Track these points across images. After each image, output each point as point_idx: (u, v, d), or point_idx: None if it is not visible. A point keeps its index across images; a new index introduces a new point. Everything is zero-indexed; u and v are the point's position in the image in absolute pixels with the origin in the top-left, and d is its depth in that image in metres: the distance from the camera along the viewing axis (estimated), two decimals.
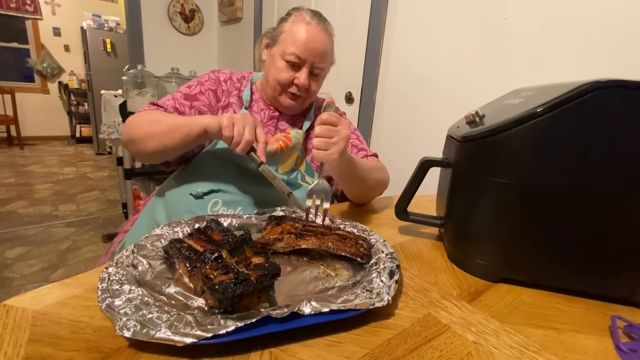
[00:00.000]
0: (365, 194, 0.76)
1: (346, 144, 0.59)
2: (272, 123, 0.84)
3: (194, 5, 2.73)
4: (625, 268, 0.43)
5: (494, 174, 0.46)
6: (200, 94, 0.78)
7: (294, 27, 0.76)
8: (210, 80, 0.82)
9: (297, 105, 0.82)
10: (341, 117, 0.60)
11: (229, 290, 0.33)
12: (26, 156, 4.19)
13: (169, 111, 0.73)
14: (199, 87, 0.79)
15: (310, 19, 0.77)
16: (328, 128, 0.58)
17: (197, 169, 0.74)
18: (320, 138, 0.58)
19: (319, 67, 0.78)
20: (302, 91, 0.79)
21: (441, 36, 1.16)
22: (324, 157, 0.58)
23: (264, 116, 0.84)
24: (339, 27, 1.61)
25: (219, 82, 0.82)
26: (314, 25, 0.76)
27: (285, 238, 0.50)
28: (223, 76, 0.84)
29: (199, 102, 0.77)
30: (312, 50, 0.75)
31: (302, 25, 0.76)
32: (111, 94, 2.81)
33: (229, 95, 0.82)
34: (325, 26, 0.78)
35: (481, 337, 0.36)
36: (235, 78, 0.86)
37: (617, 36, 0.78)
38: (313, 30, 0.75)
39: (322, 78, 0.82)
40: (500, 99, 0.61)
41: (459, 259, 0.53)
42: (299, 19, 0.77)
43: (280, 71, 0.77)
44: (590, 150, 0.41)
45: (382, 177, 0.78)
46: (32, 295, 0.38)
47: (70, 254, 2.00)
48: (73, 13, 4.86)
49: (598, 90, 0.39)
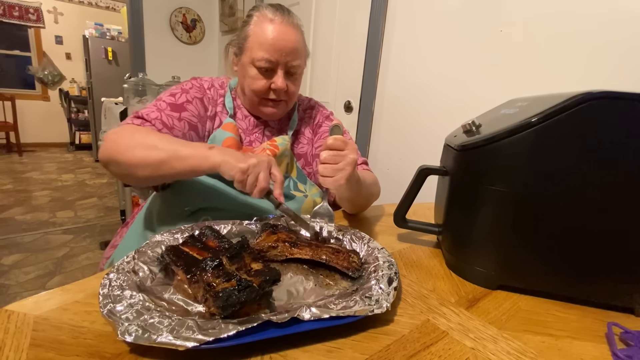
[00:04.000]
0: (362, 206, 0.76)
1: (353, 169, 0.55)
2: (259, 130, 0.82)
3: (196, 15, 2.77)
4: (620, 275, 0.44)
5: (490, 182, 0.47)
6: (187, 103, 0.72)
7: (258, 29, 0.71)
8: (194, 87, 0.76)
9: (280, 111, 0.79)
10: (347, 140, 0.56)
11: (233, 297, 0.33)
12: (25, 163, 4.18)
13: (157, 127, 0.67)
14: (185, 96, 0.73)
15: (273, 15, 0.71)
16: (334, 154, 0.55)
17: (185, 186, 0.69)
18: (327, 165, 0.55)
19: (294, 65, 0.73)
20: (282, 94, 0.75)
21: (439, 47, 1.19)
22: (331, 184, 0.55)
23: (249, 123, 0.81)
24: (338, 37, 1.64)
25: (204, 90, 0.78)
26: (278, 22, 0.71)
27: (280, 246, 0.51)
28: (206, 84, 0.80)
29: (187, 113, 0.72)
30: (282, 50, 0.70)
31: (266, 24, 0.70)
32: (112, 102, 2.83)
33: (215, 104, 0.78)
34: (290, 19, 0.73)
35: (479, 344, 0.37)
36: (217, 84, 0.82)
37: (610, 48, 0.80)
38: (279, 28, 0.70)
39: (299, 76, 0.78)
40: (496, 109, 0.62)
41: (457, 266, 0.54)
42: (261, 19, 0.72)
43: (254, 80, 0.73)
44: (584, 159, 0.42)
45: (377, 190, 0.79)
46: (33, 300, 0.38)
47: (67, 261, 1.99)
48: (75, 22, 4.92)
49: (590, 100, 0.40)
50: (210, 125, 0.77)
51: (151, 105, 0.70)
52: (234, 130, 0.76)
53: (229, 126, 0.76)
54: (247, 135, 0.81)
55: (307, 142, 0.87)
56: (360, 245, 0.55)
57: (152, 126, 0.67)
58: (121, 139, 0.61)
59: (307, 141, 0.87)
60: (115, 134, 0.62)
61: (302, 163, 0.85)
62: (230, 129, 0.75)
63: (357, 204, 0.73)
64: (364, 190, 0.69)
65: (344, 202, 0.73)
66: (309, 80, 1.86)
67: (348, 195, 0.67)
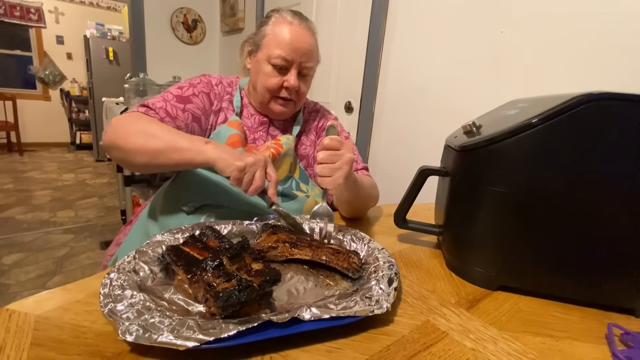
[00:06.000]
0: (361, 210, 0.76)
1: (350, 168, 0.57)
2: (263, 128, 0.83)
3: (197, 15, 2.78)
4: (621, 276, 0.44)
5: (490, 183, 0.47)
6: (193, 96, 0.74)
7: (277, 29, 0.74)
8: (202, 83, 0.78)
9: (288, 110, 0.80)
10: (343, 140, 0.58)
11: (234, 298, 0.33)
12: (25, 162, 4.19)
13: (161, 116, 0.68)
14: (192, 89, 0.75)
15: (292, 18, 0.75)
16: (331, 153, 0.56)
17: (188, 183, 0.71)
18: (324, 164, 0.56)
19: (307, 66, 0.76)
20: (292, 94, 0.77)
21: (439, 47, 1.19)
22: (329, 184, 0.56)
23: (254, 122, 0.83)
24: (339, 37, 1.64)
25: (212, 86, 0.80)
26: (296, 25, 0.74)
27: (280, 247, 0.51)
28: (214, 80, 0.82)
29: (192, 105, 0.74)
30: (298, 50, 0.73)
31: (285, 26, 0.74)
32: (112, 102, 2.84)
33: (221, 100, 0.80)
34: (307, 24, 0.77)
35: (479, 344, 0.37)
36: (226, 82, 0.84)
37: (610, 50, 0.80)
38: (296, 30, 0.74)
39: (310, 78, 0.80)
40: (497, 110, 0.62)
41: (457, 266, 0.54)
42: (281, 20, 0.75)
43: (267, 77, 0.75)
44: (584, 159, 0.42)
45: (376, 194, 0.79)
46: (35, 300, 0.38)
47: (68, 261, 1.99)
48: (76, 22, 4.93)
49: (591, 102, 0.40)
50: (214, 119, 0.78)
51: (158, 96, 0.73)
52: (240, 128, 0.77)
53: (235, 123, 0.77)
54: (252, 133, 0.82)
55: (310, 144, 0.88)
56: (360, 245, 0.55)
57: (156, 114, 0.68)
58: (123, 125, 0.63)
59: (310, 143, 0.88)
60: (119, 120, 0.64)
61: (305, 164, 0.86)
62: (235, 126, 0.77)
63: (355, 207, 0.73)
64: (362, 192, 0.69)
65: (342, 205, 0.73)
66: None
67: (346, 196, 0.67)
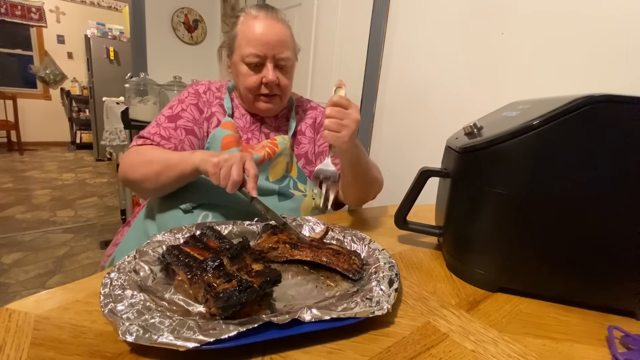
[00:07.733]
0: (365, 190, 0.75)
1: (356, 127, 0.59)
2: (256, 127, 0.84)
3: (198, 15, 2.78)
4: (621, 278, 0.44)
5: (491, 185, 0.47)
6: (182, 112, 0.77)
7: (244, 27, 0.75)
8: (190, 95, 0.81)
9: (275, 106, 0.81)
10: (351, 101, 0.59)
11: (234, 298, 0.33)
12: (25, 161, 4.19)
13: (156, 141, 0.72)
14: (180, 105, 0.78)
15: (257, 12, 0.75)
16: (339, 110, 0.57)
17: None
18: (332, 119, 0.57)
19: (282, 57, 0.75)
20: (274, 89, 0.77)
21: (440, 49, 1.19)
22: (335, 139, 0.57)
23: (246, 121, 0.83)
24: (339, 38, 1.64)
25: (199, 95, 0.82)
26: (262, 18, 0.74)
27: (280, 247, 0.51)
28: (202, 88, 0.83)
29: (182, 120, 0.76)
30: (269, 43, 0.73)
31: (251, 22, 0.74)
32: (113, 101, 2.84)
33: (210, 106, 0.82)
34: (274, 14, 0.76)
35: (480, 346, 0.37)
36: (214, 87, 0.85)
37: (612, 52, 0.80)
38: (263, 23, 0.73)
39: (290, 69, 0.79)
40: (498, 111, 0.62)
41: (458, 268, 0.54)
42: (247, 18, 0.75)
43: (245, 77, 0.76)
44: (585, 161, 0.42)
45: (380, 176, 0.78)
46: (34, 299, 0.38)
47: (67, 260, 1.99)
48: (77, 21, 4.93)
49: (592, 104, 0.40)
50: (207, 125, 0.80)
51: (152, 122, 0.77)
52: (233, 128, 0.78)
53: (228, 124, 0.78)
54: (244, 132, 0.83)
55: (308, 141, 0.88)
56: (361, 246, 0.55)
57: (152, 142, 0.73)
58: (128, 161, 0.69)
59: (308, 140, 0.88)
60: (124, 158, 0.71)
61: (303, 163, 0.86)
62: (229, 127, 0.78)
63: (360, 188, 0.73)
64: (366, 169, 0.69)
65: (348, 188, 0.73)
66: (309, 81, 1.87)
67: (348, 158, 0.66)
